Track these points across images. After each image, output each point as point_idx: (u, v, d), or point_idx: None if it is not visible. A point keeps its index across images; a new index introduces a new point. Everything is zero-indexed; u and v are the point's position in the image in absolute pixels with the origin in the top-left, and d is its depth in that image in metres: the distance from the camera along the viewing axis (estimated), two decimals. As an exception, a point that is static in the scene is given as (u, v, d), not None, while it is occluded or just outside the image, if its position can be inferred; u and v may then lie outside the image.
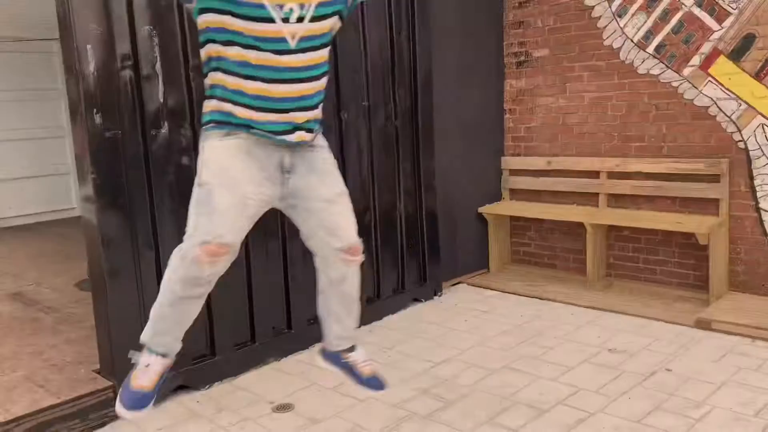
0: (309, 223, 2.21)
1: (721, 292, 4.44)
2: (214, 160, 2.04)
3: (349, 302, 2.37)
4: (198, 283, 2.06)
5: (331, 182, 2.20)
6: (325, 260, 2.26)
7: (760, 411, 3.00)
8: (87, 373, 3.35)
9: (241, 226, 2.06)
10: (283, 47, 1.94)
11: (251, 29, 1.91)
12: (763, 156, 4.30)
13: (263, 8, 1.88)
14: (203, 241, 1.96)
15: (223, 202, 1.98)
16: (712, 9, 4.40)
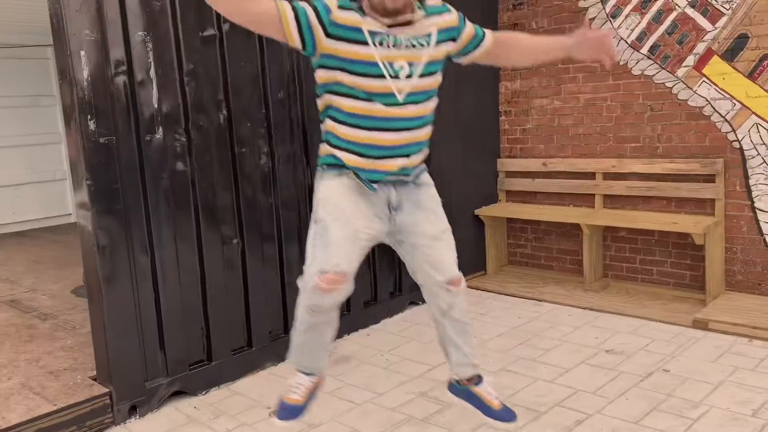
0: (414, 257, 2.34)
1: (718, 292, 4.45)
2: (328, 198, 2.22)
3: (462, 328, 2.46)
4: (321, 311, 2.21)
5: (436, 219, 2.33)
6: (431, 292, 2.39)
7: (758, 410, 3.00)
8: (83, 380, 3.34)
9: (355, 257, 2.19)
10: (392, 101, 2.09)
11: (363, 84, 2.06)
12: (757, 155, 4.31)
13: (375, 66, 2.03)
14: (321, 270, 2.11)
15: (338, 235, 2.14)
16: (705, 10, 4.42)
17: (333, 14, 2.02)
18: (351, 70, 2.06)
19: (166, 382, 3.39)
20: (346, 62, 2.05)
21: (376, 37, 2.03)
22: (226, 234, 3.60)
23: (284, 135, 3.85)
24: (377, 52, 2.03)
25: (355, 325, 4.36)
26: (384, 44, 2.04)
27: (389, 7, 2.01)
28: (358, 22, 2.03)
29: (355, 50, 2.03)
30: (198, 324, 3.54)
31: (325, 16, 2.02)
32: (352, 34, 2.02)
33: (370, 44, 2.02)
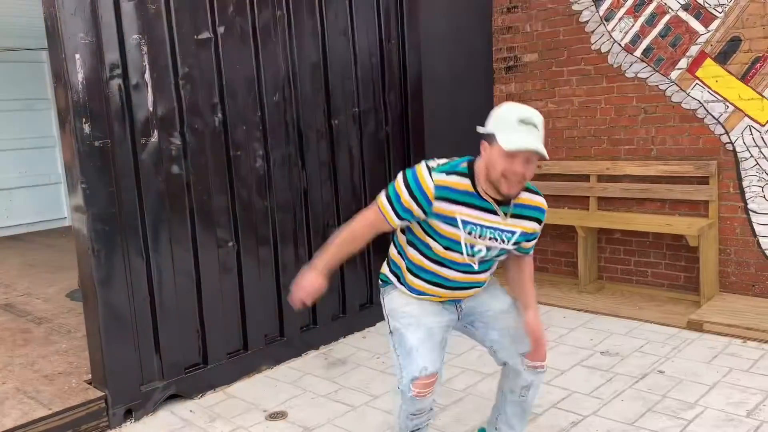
0: (491, 335, 2.43)
1: (712, 294, 4.46)
2: (395, 309, 2.39)
3: (526, 410, 2.56)
4: (422, 413, 2.34)
5: (500, 296, 2.47)
6: (516, 371, 2.45)
7: (752, 411, 3.01)
8: (79, 384, 3.34)
9: (436, 354, 2.30)
10: (468, 269, 2.30)
11: (444, 252, 2.26)
12: (751, 157, 4.33)
13: (458, 244, 2.23)
14: (412, 378, 2.23)
15: (414, 338, 2.28)
16: (698, 12, 4.45)
17: (434, 206, 2.18)
18: (438, 239, 2.25)
19: (161, 386, 3.38)
20: (436, 233, 2.24)
21: (467, 226, 2.21)
22: (222, 237, 3.60)
23: (279, 138, 3.85)
24: (464, 235, 2.22)
25: (351, 328, 4.37)
26: (471, 233, 2.22)
27: (503, 192, 2.16)
28: (453, 212, 2.19)
29: (447, 229, 2.21)
30: (193, 327, 3.53)
31: (427, 207, 2.18)
32: (448, 220, 2.21)
33: (461, 230, 2.21)
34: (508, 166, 2.08)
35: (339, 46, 4.17)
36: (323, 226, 4.14)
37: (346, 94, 4.23)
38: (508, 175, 2.10)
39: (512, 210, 2.25)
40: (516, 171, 2.09)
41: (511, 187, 2.13)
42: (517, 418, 2.56)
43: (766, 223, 4.32)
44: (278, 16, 3.81)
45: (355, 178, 4.34)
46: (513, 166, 2.08)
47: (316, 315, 4.15)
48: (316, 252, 4.06)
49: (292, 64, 3.91)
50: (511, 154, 2.06)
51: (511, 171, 2.09)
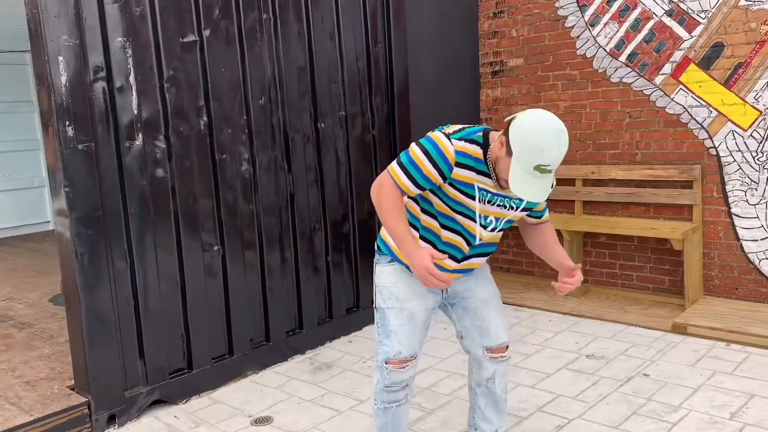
0: (464, 321, 2.49)
1: (696, 297, 4.50)
2: (383, 285, 2.40)
3: (497, 401, 2.60)
4: (396, 387, 2.40)
5: (486, 285, 2.50)
6: (477, 361, 2.54)
7: (736, 414, 3.03)
8: (61, 390, 3.30)
9: (416, 337, 2.38)
10: (472, 241, 2.32)
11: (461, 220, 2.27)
12: (734, 162, 4.37)
13: (473, 213, 2.26)
14: (386, 359, 2.37)
15: (395, 323, 2.36)
16: (681, 18, 4.49)
17: (453, 172, 2.17)
18: (453, 207, 2.26)
19: (145, 391, 3.35)
20: (453, 201, 2.25)
21: (484, 195, 2.23)
22: (207, 241, 3.58)
23: (265, 141, 3.84)
24: (479, 205, 2.25)
25: (338, 333, 4.35)
26: (485, 201, 2.25)
27: (504, 188, 2.20)
28: (472, 179, 2.20)
29: (463, 198, 2.24)
30: (178, 332, 3.51)
31: (447, 172, 2.16)
32: (466, 188, 2.22)
33: (476, 200, 2.23)
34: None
35: (325, 49, 4.17)
36: (309, 229, 4.13)
37: (332, 97, 4.22)
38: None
39: None
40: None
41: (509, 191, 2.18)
42: (492, 410, 2.59)
43: (749, 227, 4.36)
44: (264, 19, 3.80)
45: (342, 181, 4.33)
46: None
47: (302, 319, 4.13)
48: (301, 256, 4.08)
49: (278, 67, 3.90)
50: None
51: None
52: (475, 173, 2.18)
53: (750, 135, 4.29)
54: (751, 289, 4.40)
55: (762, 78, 4.20)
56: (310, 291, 4.17)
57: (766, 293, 4.34)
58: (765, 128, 4.23)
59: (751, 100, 4.25)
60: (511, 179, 2.05)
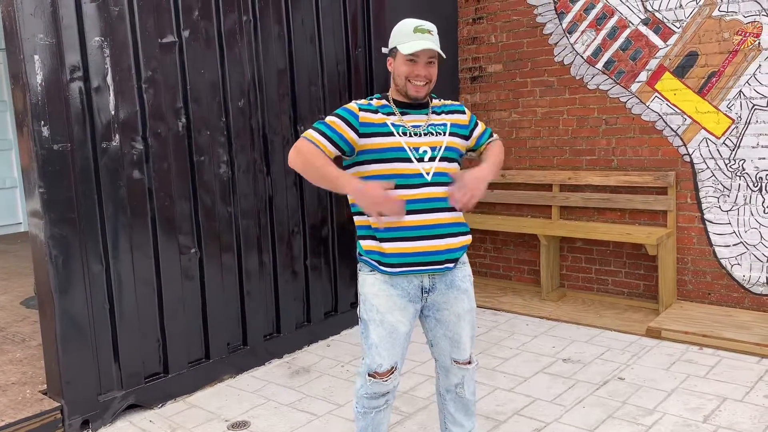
0: (436, 332, 2.48)
1: (670, 301, 4.57)
2: (365, 296, 2.39)
3: (468, 405, 2.62)
4: (378, 396, 2.42)
5: (466, 299, 2.45)
6: (445, 368, 2.55)
7: (709, 416, 3.08)
8: (33, 394, 3.24)
9: (397, 349, 2.39)
10: (422, 181, 2.29)
11: (395, 169, 2.28)
12: (707, 169, 4.45)
13: (403, 150, 2.29)
14: (368, 372, 2.39)
15: (376, 336, 2.36)
16: (657, 27, 4.56)
17: (360, 117, 2.30)
18: (383, 158, 2.29)
19: (120, 396, 3.30)
20: (378, 152, 2.29)
21: (399, 128, 2.32)
22: (184, 244, 3.55)
23: (244, 143, 3.82)
24: (402, 139, 2.30)
25: (316, 336, 4.34)
26: (407, 134, 2.31)
27: (411, 95, 2.33)
28: (382, 119, 2.32)
29: (384, 140, 2.30)
30: (154, 335, 3.46)
31: (353, 120, 2.29)
32: (379, 128, 2.31)
33: (396, 134, 2.30)
34: (411, 69, 2.29)
35: (305, 52, 4.16)
36: (288, 233, 4.11)
37: (312, 100, 4.22)
38: (411, 78, 2.30)
39: (432, 109, 2.42)
40: (419, 74, 2.29)
41: (417, 89, 2.31)
42: (462, 413, 2.61)
43: (721, 232, 4.44)
44: (244, 21, 3.78)
45: (321, 185, 4.32)
46: (415, 69, 2.29)
47: (280, 323, 4.11)
48: (280, 259, 4.06)
49: (257, 69, 3.88)
50: (412, 59, 2.28)
51: (414, 74, 2.29)
52: (384, 114, 2.33)
53: (723, 143, 4.37)
54: (723, 294, 4.48)
55: (735, 87, 4.28)
56: (289, 295, 4.15)
57: (737, 298, 4.42)
58: (737, 136, 4.31)
59: (724, 108, 4.34)
60: (404, 49, 2.25)
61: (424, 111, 2.39)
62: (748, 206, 4.32)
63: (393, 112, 2.35)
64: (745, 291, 4.39)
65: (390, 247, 2.28)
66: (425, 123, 2.36)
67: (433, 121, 2.38)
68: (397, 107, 2.36)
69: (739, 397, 3.27)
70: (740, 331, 3.98)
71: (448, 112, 2.45)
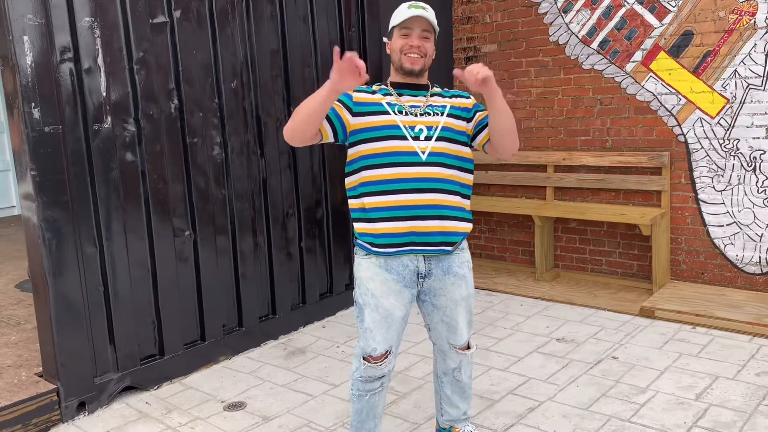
0: (433, 317, 2.47)
1: (664, 281, 4.59)
2: (360, 279, 2.37)
3: (464, 388, 2.64)
4: (373, 379, 2.42)
5: (463, 285, 2.43)
6: (443, 352, 2.55)
7: (701, 395, 3.11)
8: (29, 377, 3.24)
9: (392, 333, 2.38)
10: (416, 160, 2.27)
11: (389, 147, 2.27)
12: (701, 149, 4.45)
13: (397, 128, 2.28)
14: (363, 355, 2.39)
15: (371, 320, 2.35)
16: (652, 6, 4.53)
17: (354, 97, 2.31)
18: (376, 136, 2.27)
19: (116, 378, 3.31)
20: (372, 130, 2.28)
21: (395, 107, 2.31)
22: (178, 226, 3.54)
23: (238, 125, 3.80)
24: (397, 117, 2.30)
25: (311, 318, 4.35)
26: (402, 113, 2.31)
27: (406, 68, 2.32)
28: (378, 98, 2.32)
29: (378, 119, 2.29)
30: (149, 318, 3.47)
31: (347, 100, 2.30)
32: (374, 107, 2.31)
33: (391, 113, 2.30)
34: (405, 42, 2.30)
35: (299, 32, 4.12)
36: (282, 215, 4.11)
37: (306, 81, 4.19)
38: (406, 50, 2.30)
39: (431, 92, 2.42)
40: (412, 44, 2.29)
41: (412, 60, 2.30)
42: (458, 396, 2.63)
43: (715, 212, 4.45)
44: (236, 1, 3.74)
45: (315, 166, 4.31)
46: (409, 41, 2.29)
47: (275, 304, 4.12)
48: (274, 241, 4.06)
49: (250, 49, 3.85)
50: (406, 28, 2.29)
51: (408, 46, 2.30)
52: (378, 95, 2.35)
53: (717, 122, 4.37)
54: (716, 274, 4.50)
55: (730, 66, 4.27)
56: (284, 276, 4.15)
57: (730, 277, 4.44)
58: (732, 116, 4.31)
59: (718, 88, 4.33)
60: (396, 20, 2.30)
61: (423, 93, 2.38)
62: (742, 186, 4.32)
63: (390, 93, 2.36)
64: (738, 270, 4.41)
65: (381, 227, 2.27)
66: (424, 104, 2.36)
67: (433, 103, 2.38)
68: (395, 89, 2.37)
69: (731, 375, 3.30)
70: (733, 310, 4.00)
71: (451, 96, 2.44)
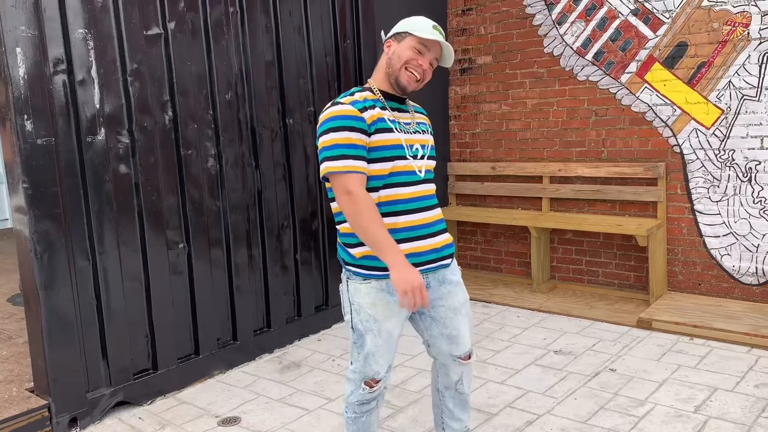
0: (432, 330, 2.39)
1: (661, 292, 4.57)
2: (360, 304, 2.26)
3: (465, 400, 2.58)
4: (371, 401, 2.37)
5: (460, 292, 2.38)
6: (443, 365, 2.48)
7: (700, 407, 3.09)
8: (20, 392, 3.20)
9: (391, 353, 2.33)
10: (415, 179, 2.25)
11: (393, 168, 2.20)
12: (697, 160, 4.45)
13: (401, 148, 2.22)
14: (363, 379, 2.31)
15: (374, 345, 2.27)
16: (647, 18, 4.55)
17: (366, 118, 2.17)
18: (386, 156, 2.20)
19: (108, 393, 3.27)
20: (383, 149, 2.20)
21: (396, 123, 2.24)
22: (172, 239, 3.51)
23: (232, 137, 3.78)
24: (401, 136, 2.23)
25: (307, 331, 4.31)
26: (402, 130, 2.25)
27: (401, 83, 2.24)
28: (379, 113, 2.21)
29: (386, 137, 2.21)
30: (142, 331, 3.43)
31: (363, 124, 2.15)
32: (381, 125, 2.21)
33: (395, 131, 2.22)
34: (416, 57, 2.20)
35: (293, 44, 4.12)
36: (277, 227, 4.08)
37: (301, 93, 4.18)
38: (411, 66, 2.21)
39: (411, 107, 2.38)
40: (421, 65, 2.21)
41: (410, 79, 2.22)
42: (460, 408, 2.57)
43: (711, 223, 4.45)
44: (231, 13, 3.73)
45: (311, 178, 4.29)
46: (420, 59, 2.21)
47: (270, 318, 4.08)
48: (269, 254, 4.03)
49: (245, 61, 3.84)
50: (423, 46, 2.20)
51: (416, 64, 2.21)
52: (378, 110, 2.22)
53: (712, 133, 4.37)
54: (713, 285, 4.49)
55: (724, 77, 4.28)
56: (279, 289, 4.12)
57: (727, 288, 4.43)
58: (727, 126, 4.31)
59: (713, 99, 4.34)
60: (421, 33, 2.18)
61: (406, 107, 2.35)
62: (738, 197, 4.32)
63: (384, 106, 2.26)
64: (734, 281, 4.40)
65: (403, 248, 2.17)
66: (412, 120, 2.32)
67: (418, 120, 2.36)
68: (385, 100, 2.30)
69: (730, 387, 3.28)
70: (730, 321, 3.99)
71: (421, 113, 2.44)
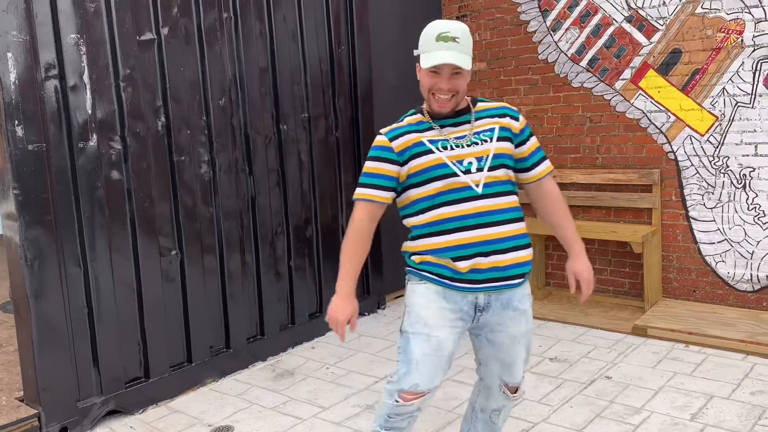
0: (486, 351, 2.30)
1: (655, 299, 4.56)
2: (413, 306, 2.21)
3: (494, 431, 2.50)
4: (400, 418, 2.24)
5: (524, 320, 2.25)
6: (489, 390, 2.38)
7: (696, 415, 3.07)
8: (9, 401, 3.16)
9: (439, 371, 2.20)
10: (472, 194, 2.13)
11: (441, 186, 2.12)
12: (691, 166, 4.45)
13: (446, 167, 2.12)
14: (401, 389, 2.18)
15: (419, 351, 2.16)
16: (641, 25, 4.56)
17: (394, 147, 2.15)
18: (425, 179, 2.13)
19: (99, 401, 3.23)
20: (420, 174, 2.14)
21: (437, 143, 2.14)
22: (164, 245, 3.48)
23: (226, 143, 3.75)
24: (443, 154, 2.13)
25: (300, 338, 4.28)
26: (447, 148, 2.14)
27: (435, 110, 2.17)
28: (416, 138, 2.15)
29: (424, 160, 2.13)
30: (134, 339, 3.39)
31: (391, 155, 2.15)
32: (416, 149, 2.14)
33: (434, 151, 2.13)
34: (434, 82, 2.12)
35: (288, 50, 4.10)
36: (271, 233, 4.05)
37: (295, 99, 4.16)
38: (435, 91, 2.13)
39: (475, 115, 2.22)
40: (441, 87, 2.11)
41: (441, 104, 2.14)
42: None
43: (705, 230, 4.44)
44: (225, 18, 3.72)
45: (305, 184, 4.26)
46: (438, 82, 2.11)
47: (264, 325, 4.05)
48: (263, 260, 4.00)
49: (239, 67, 3.82)
50: (433, 72, 2.10)
51: (437, 87, 2.12)
52: (419, 132, 2.17)
53: (707, 140, 4.37)
54: (708, 291, 4.48)
55: (718, 84, 4.28)
56: (272, 296, 4.09)
57: (722, 295, 4.42)
58: (721, 133, 4.31)
59: (707, 105, 4.34)
60: (423, 62, 2.10)
61: (466, 118, 2.20)
62: (732, 203, 4.32)
63: (431, 126, 2.17)
64: (729, 288, 4.40)
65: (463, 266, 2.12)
66: (470, 132, 2.17)
67: (479, 128, 2.18)
68: (435, 120, 2.19)
69: (726, 394, 3.27)
70: (725, 328, 3.98)
71: (499, 115, 2.24)
